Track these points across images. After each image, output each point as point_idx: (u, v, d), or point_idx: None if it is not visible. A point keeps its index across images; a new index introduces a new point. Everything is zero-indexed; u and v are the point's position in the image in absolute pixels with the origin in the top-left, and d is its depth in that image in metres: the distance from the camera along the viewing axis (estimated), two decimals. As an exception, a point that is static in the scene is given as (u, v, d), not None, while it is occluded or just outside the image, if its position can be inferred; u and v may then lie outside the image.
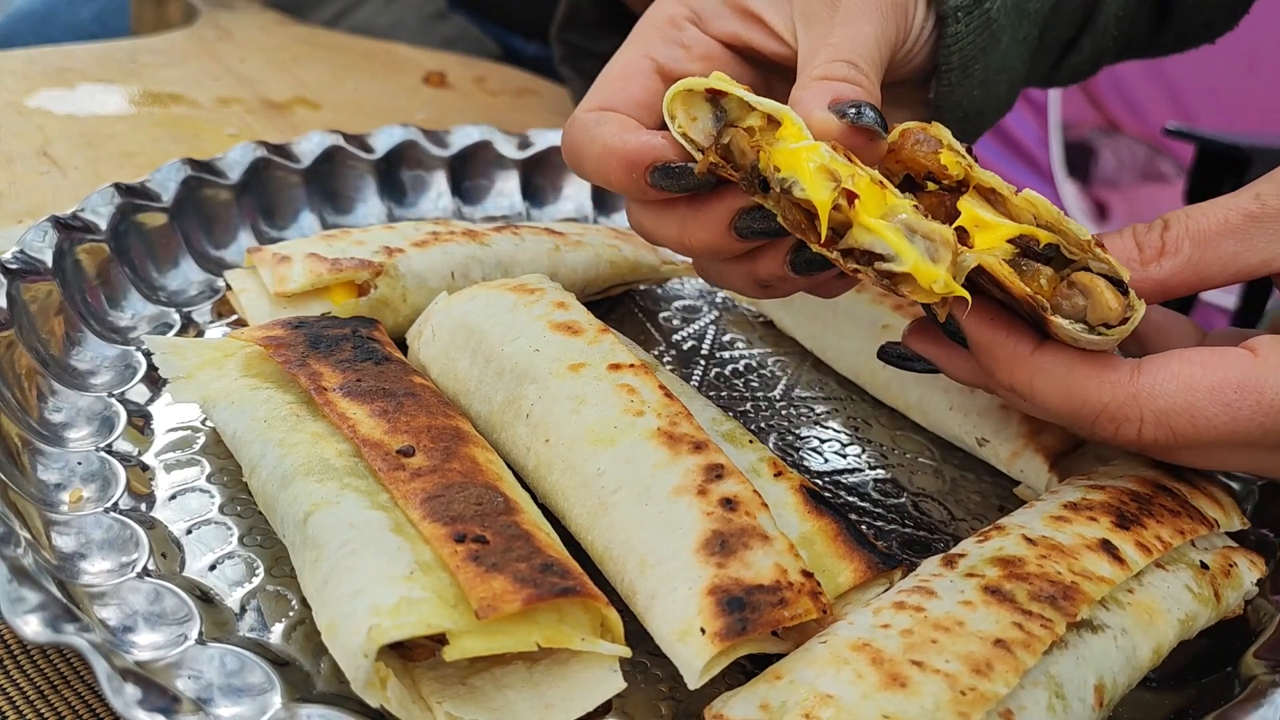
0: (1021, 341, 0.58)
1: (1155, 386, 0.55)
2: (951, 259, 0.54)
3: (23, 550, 0.52)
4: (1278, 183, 0.58)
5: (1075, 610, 0.53)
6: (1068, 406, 0.57)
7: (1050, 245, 0.55)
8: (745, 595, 0.52)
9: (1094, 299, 0.54)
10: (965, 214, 0.56)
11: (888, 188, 0.54)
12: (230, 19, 1.40)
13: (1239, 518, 0.66)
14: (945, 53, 0.70)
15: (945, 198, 0.57)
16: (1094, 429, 0.57)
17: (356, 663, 0.48)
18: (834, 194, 0.54)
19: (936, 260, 0.53)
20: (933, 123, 0.59)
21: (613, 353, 0.66)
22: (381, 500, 0.56)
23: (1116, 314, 0.54)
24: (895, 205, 0.54)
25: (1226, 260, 0.57)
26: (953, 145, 0.58)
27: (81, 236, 0.76)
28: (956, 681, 0.48)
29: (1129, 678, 0.56)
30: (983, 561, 0.56)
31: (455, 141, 1.00)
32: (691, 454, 0.59)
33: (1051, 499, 0.63)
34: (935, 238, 0.53)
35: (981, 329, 0.58)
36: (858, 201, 0.54)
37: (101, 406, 0.69)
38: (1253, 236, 0.57)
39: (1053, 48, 0.80)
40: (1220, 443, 0.56)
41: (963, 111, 0.74)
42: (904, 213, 0.54)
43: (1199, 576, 0.61)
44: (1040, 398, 0.58)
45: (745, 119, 0.58)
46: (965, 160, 0.57)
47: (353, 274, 0.76)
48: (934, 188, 0.58)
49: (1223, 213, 0.58)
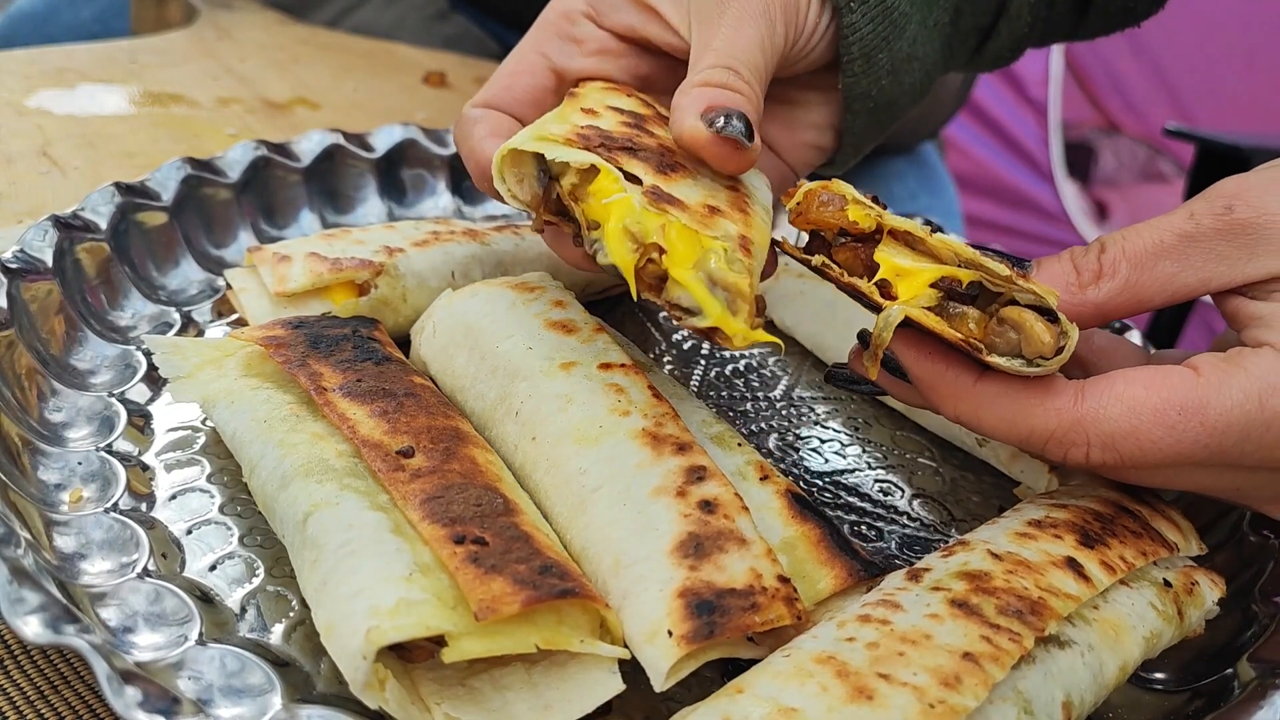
0: (962, 374, 0.58)
1: (1099, 411, 0.55)
2: (749, 311, 0.54)
3: (23, 550, 0.52)
4: (1210, 200, 0.57)
5: (1043, 625, 0.52)
6: (1014, 435, 0.57)
7: (973, 284, 0.55)
8: (716, 599, 0.52)
9: (1025, 333, 0.54)
10: (884, 265, 0.56)
11: (701, 233, 0.54)
12: (230, 19, 1.39)
13: (1197, 543, 0.66)
14: (845, 44, 0.70)
15: (860, 250, 0.57)
16: (1044, 453, 0.57)
17: (355, 664, 0.48)
18: (635, 255, 0.55)
19: (736, 313, 0.54)
20: (833, 180, 0.59)
21: (605, 352, 0.66)
22: (381, 501, 0.56)
23: (1050, 345, 0.54)
24: (710, 248, 0.54)
25: (1164, 281, 0.57)
26: (858, 199, 0.58)
27: (81, 236, 0.76)
28: (925, 694, 0.47)
29: (1096, 695, 0.55)
30: (949, 576, 0.55)
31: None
32: (674, 455, 0.59)
33: (1014, 515, 0.63)
34: (732, 290, 0.53)
35: (921, 364, 0.58)
36: (666, 256, 0.54)
37: (102, 406, 0.69)
38: (1189, 256, 0.56)
39: (970, 35, 0.80)
40: (1166, 464, 0.55)
41: (872, 102, 0.74)
42: (714, 259, 0.54)
43: (1163, 594, 0.60)
44: (986, 427, 0.58)
45: (567, 172, 0.59)
46: (873, 211, 0.57)
47: (353, 274, 0.76)
48: (846, 242, 0.58)
49: (1158, 234, 0.57)
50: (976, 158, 2.64)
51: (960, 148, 2.61)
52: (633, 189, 0.56)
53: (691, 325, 0.55)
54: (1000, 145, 2.65)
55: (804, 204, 0.59)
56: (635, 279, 0.56)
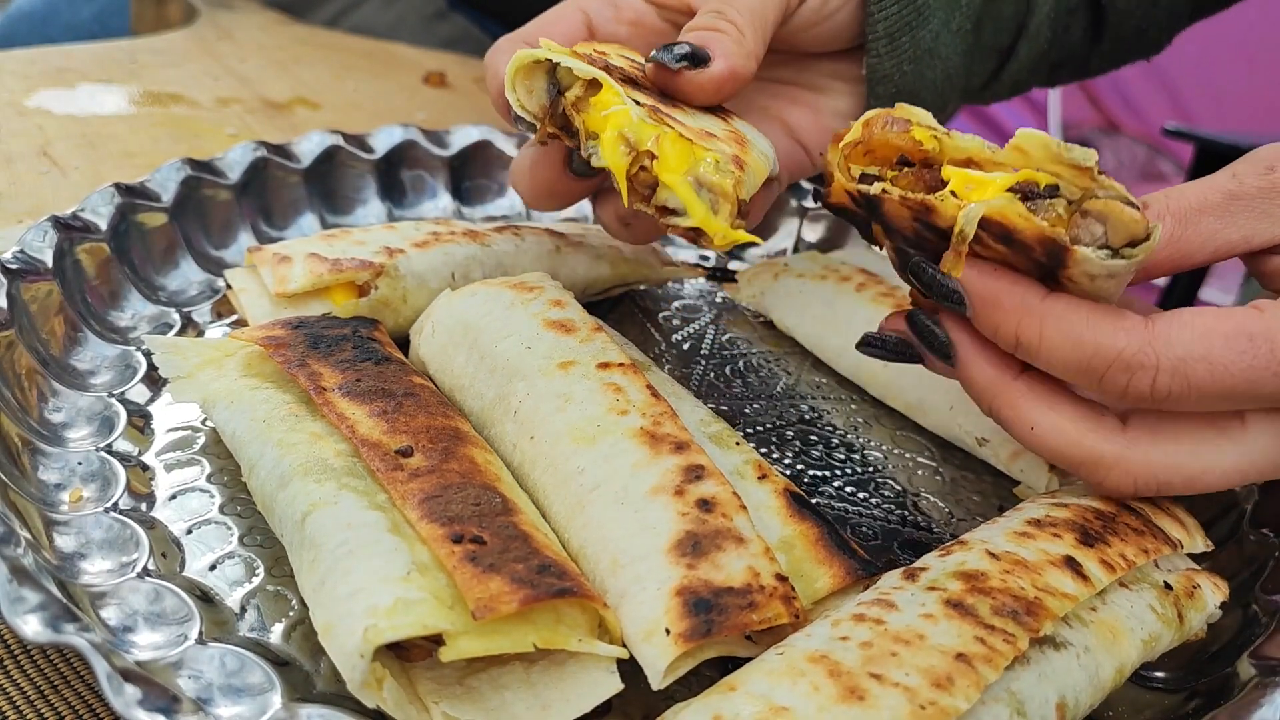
0: (1029, 289, 0.56)
1: (1170, 334, 0.54)
2: (730, 210, 0.57)
3: (23, 550, 0.52)
4: (1253, 163, 0.58)
5: (1038, 625, 0.52)
6: (1078, 356, 0.55)
7: (1050, 186, 0.53)
8: (713, 597, 0.52)
9: (1114, 218, 0.52)
10: (955, 178, 0.54)
11: (696, 143, 0.58)
12: (230, 19, 1.40)
13: (1202, 539, 0.65)
14: (870, 21, 0.74)
15: (925, 174, 0.56)
16: (1105, 381, 0.55)
17: (353, 663, 0.48)
18: (627, 159, 0.58)
19: (717, 212, 0.57)
20: (896, 104, 0.58)
21: (603, 352, 0.66)
22: (379, 500, 0.56)
23: (1140, 226, 0.52)
24: (700, 158, 0.58)
25: (1207, 236, 0.57)
26: (922, 121, 0.56)
27: (81, 236, 0.76)
28: (916, 695, 0.47)
29: (1091, 697, 0.55)
30: (945, 575, 0.55)
31: (455, 141, 1.00)
32: (672, 454, 0.59)
33: (1015, 515, 0.62)
34: (716, 190, 0.57)
35: (985, 279, 0.56)
36: (657, 161, 0.57)
37: (101, 406, 0.69)
38: (1233, 214, 0.57)
39: (990, 54, 0.82)
40: (1237, 392, 0.54)
41: (894, 87, 0.77)
42: (702, 167, 0.57)
43: (1162, 597, 0.60)
44: (1048, 347, 0.55)
45: (574, 86, 0.62)
46: (938, 130, 0.56)
47: (353, 274, 0.76)
48: (904, 172, 0.57)
49: (1201, 191, 0.58)
50: (977, 157, 2.63)
51: (961, 147, 2.61)
52: (632, 103, 0.59)
53: (676, 225, 0.58)
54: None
55: (866, 131, 0.57)
56: (627, 186, 0.59)
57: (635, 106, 0.59)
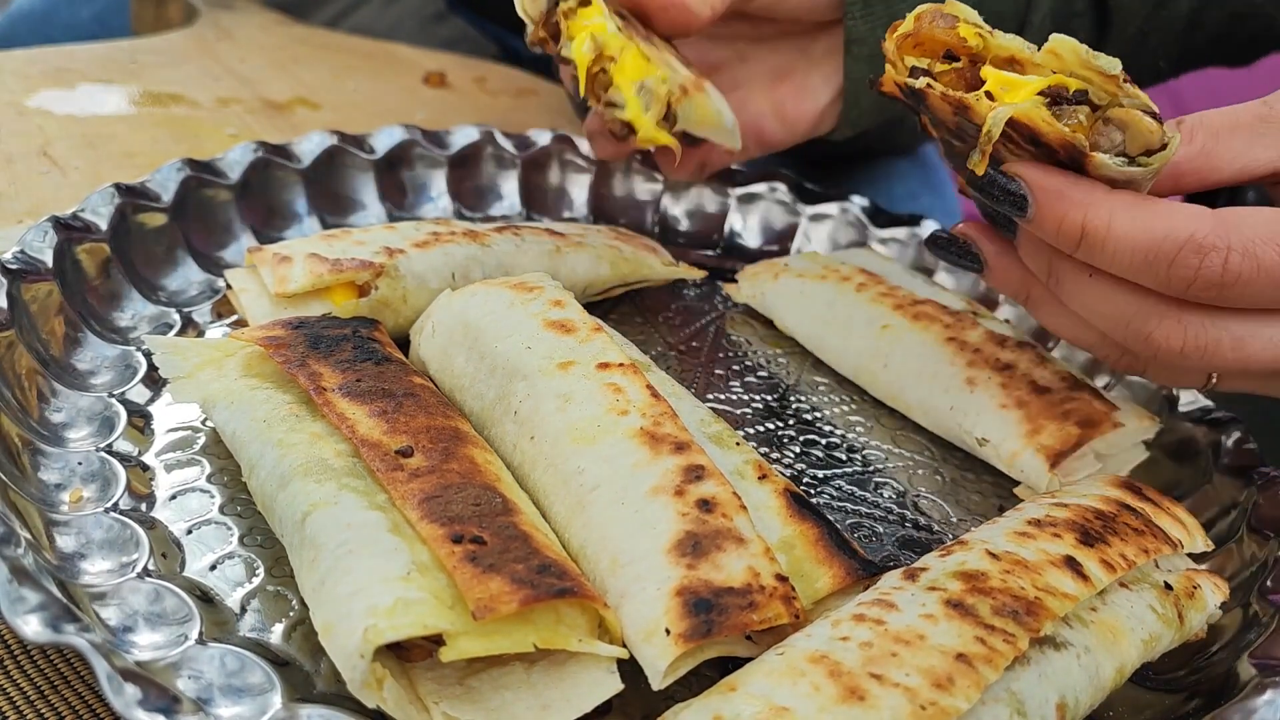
0: (1093, 183, 0.57)
1: (1238, 217, 0.55)
2: (658, 112, 0.68)
3: (23, 550, 0.52)
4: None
5: (1038, 626, 0.52)
6: (1148, 241, 0.55)
7: (1079, 92, 0.56)
8: (714, 597, 0.52)
9: (1133, 127, 0.55)
10: (991, 79, 0.57)
11: (652, 60, 0.68)
12: (230, 19, 1.39)
13: (1203, 539, 0.65)
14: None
15: (965, 71, 0.59)
16: (1174, 266, 0.56)
17: (353, 663, 0.48)
18: (590, 59, 0.69)
19: (648, 110, 0.68)
20: (948, 0, 0.61)
21: (603, 352, 0.66)
22: (379, 501, 0.56)
23: (1157, 135, 0.54)
24: (653, 74, 0.69)
25: (1237, 153, 0.59)
26: (968, 19, 0.59)
27: (81, 236, 0.76)
28: (916, 696, 0.47)
29: (1091, 698, 0.55)
30: (945, 575, 0.55)
31: (455, 141, 1.00)
32: (672, 454, 0.59)
33: (1015, 515, 0.62)
34: (653, 95, 0.67)
35: (1047, 175, 0.57)
36: (614, 65, 0.67)
37: (101, 406, 0.69)
38: (1262, 136, 0.59)
39: None
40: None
41: (868, 49, 0.82)
42: (650, 80, 0.69)
43: (1163, 597, 0.60)
44: (1117, 234, 0.56)
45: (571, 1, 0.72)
46: (983, 29, 0.58)
47: (353, 275, 0.76)
48: (947, 69, 0.61)
49: (1234, 112, 0.60)
50: (977, 158, 2.63)
51: (960, 148, 2.61)
52: (613, 19, 0.69)
53: (614, 117, 0.70)
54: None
55: (916, 26, 0.60)
56: (586, 77, 0.70)
57: (612, 21, 0.69)
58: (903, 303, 0.84)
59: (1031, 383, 0.76)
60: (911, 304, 0.84)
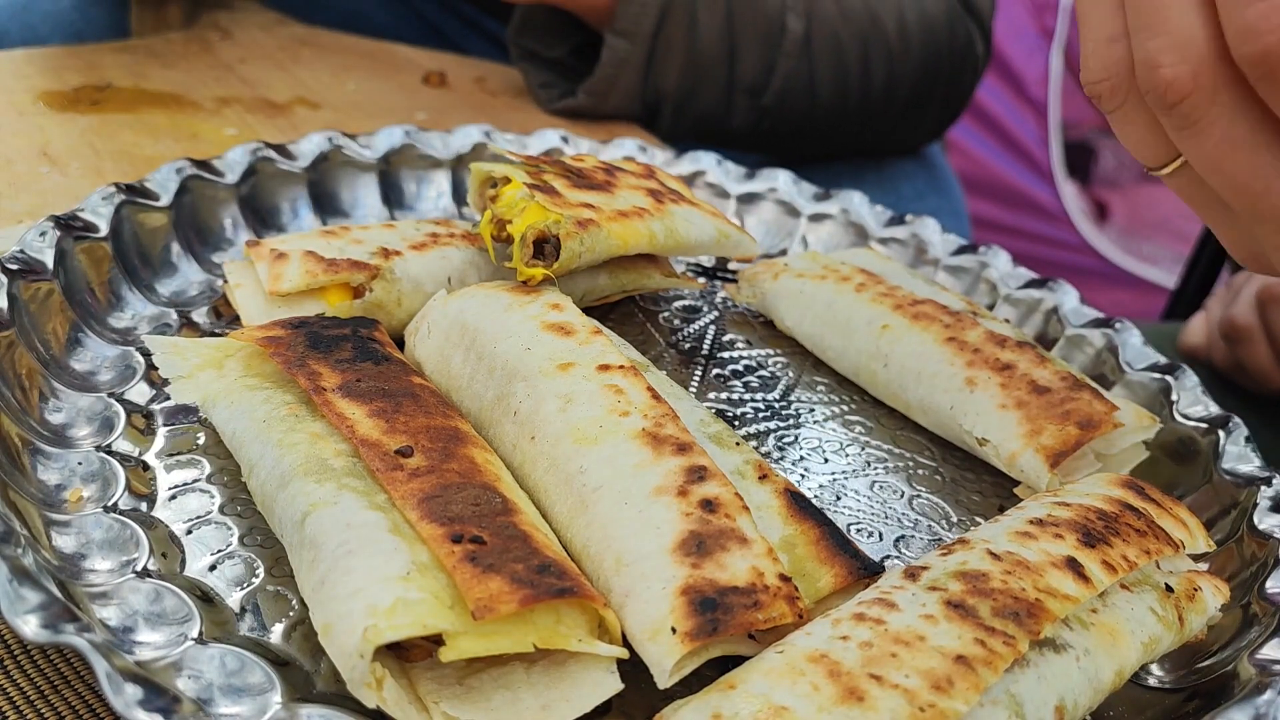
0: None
1: None
2: (522, 252, 0.76)
3: (23, 550, 0.52)
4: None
5: (1038, 628, 0.52)
6: None
7: None
8: (718, 596, 0.52)
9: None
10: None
11: (549, 209, 0.76)
12: (230, 19, 1.39)
13: (1205, 540, 0.65)
14: None
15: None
16: None
17: (352, 663, 0.48)
18: (493, 226, 0.78)
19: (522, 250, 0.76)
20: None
21: (603, 354, 0.66)
22: (379, 501, 0.56)
23: None
24: (548, 218, 0.76)
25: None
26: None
27: (81, 236, 0.76)
28: (915, 697, 0.47)
29: (1090, 700, 0.55)
30: (946, 575, 0.55)
31: (455, 141, 1.00)
32: (674, 455, 0.59)
33: (1017, 514, 0.62)
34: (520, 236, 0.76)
35: None
36: (511, 223, 0.77)
37: (101, 406, 0.69)
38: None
39: None
40: None
41: None
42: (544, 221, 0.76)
43: (1163, 599, 0.60)
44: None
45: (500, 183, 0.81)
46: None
47: (348, 276, 0.76)
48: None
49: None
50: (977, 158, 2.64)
51: (961, 148, 2.61)
52: (525, 190, 0.78)
53: (510, 265, 0.77)
54: (1000, 145, 2.65)
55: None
56: (490, 240, 0.79)
57: (525, 189, 0.78)
58: (902, 303, 0.84)
59: (1031, 383, 0.76)
60: (911, 304, 0.84)
